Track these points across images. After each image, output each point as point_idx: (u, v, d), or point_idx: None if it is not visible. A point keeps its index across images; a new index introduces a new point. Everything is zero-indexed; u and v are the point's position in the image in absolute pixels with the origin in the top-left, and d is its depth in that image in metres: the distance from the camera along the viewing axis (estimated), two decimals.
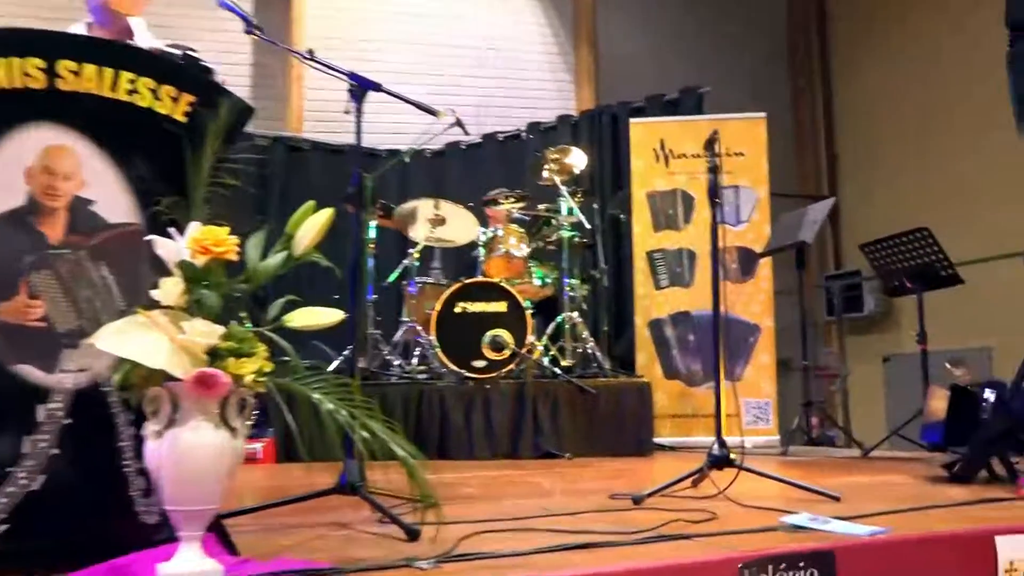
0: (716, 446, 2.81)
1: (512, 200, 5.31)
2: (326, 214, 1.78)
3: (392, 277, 5.43)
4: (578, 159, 5.48)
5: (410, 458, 1.59)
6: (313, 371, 1.67)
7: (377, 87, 2.61)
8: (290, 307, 1.76)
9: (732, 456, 2.79)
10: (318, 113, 6.85)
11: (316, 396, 1.57)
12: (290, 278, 1.82)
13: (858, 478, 3.42)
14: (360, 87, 2.57)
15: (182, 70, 1.96)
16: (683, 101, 6.61)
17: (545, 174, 5.46)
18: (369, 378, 4.66)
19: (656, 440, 4.99)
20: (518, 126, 7.14)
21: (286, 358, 1.68)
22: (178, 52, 2.36)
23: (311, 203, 1.81)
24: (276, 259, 1.72)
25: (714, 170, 2.96)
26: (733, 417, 4.28)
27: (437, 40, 7.38)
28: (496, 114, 7.22)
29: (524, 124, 7.12)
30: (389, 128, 6.08)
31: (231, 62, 6.58)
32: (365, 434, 1.57)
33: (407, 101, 2.73)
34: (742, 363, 5.53)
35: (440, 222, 5.10)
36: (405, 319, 5.11)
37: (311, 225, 1.76)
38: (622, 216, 5.90)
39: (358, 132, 2.57)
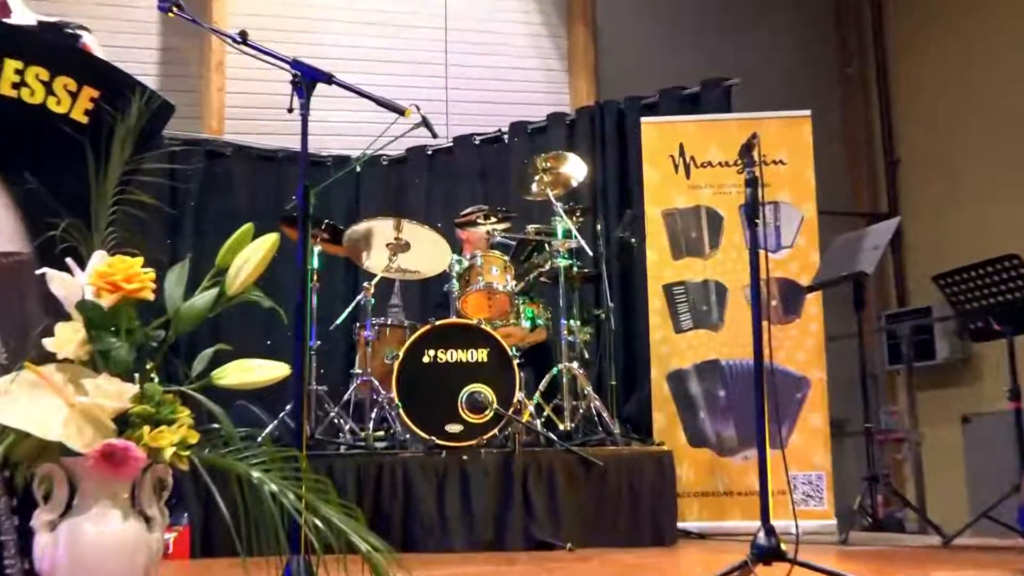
0: (762, 533, 2.74)
1: (494, 220, 5.29)
2: (269, 241, 1.76)
3: (341, 318, 5.40)
4: (576, 168, 5.46)
5: (376, 555, 1.55)
6: (249, 442, 1.64)
7: (329, 78, 2.62)
8: (217, 358, 1.73)
9: (783, 547, 2.72)
10: (243, 110, 6.86)
11: (257, 474, 1.54)
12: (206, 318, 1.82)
13: (940, 574, 3.37)
14: (307, 79, 2.58)
15: (82, 57, 1.95)
16: (706, 96, 6.57)
17: (535, 187, 5.43)
18: (313, 447, 4.57)
19: (680, 525, 4.91)
20: (499, 126, 7.04)
21: (214, 425, 1.64)
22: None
23: (249, 227, 1.79)
24: (205, 299, 1.69)
25: (754, 183, 2.97)
26: (780, 495, 4.22)
27: (394, 20, 7.37)
28: (471, 111, 7.18)
29: (506, 124, 7.04)
30: (335, 129, 6.14)
31: (134, 45, 6.55)
32: (318, 522, 1.54)
33: (367, 96, 2.75)
34: (788, 425, 5.42)
35: (402, 248, 5.06)
36: (357, 371, 5.05)
37: (250, 255, 1.72)
38: (633, 240, 5.80)
39: (304, 135, 2.57)
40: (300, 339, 2.49)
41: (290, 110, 2.56)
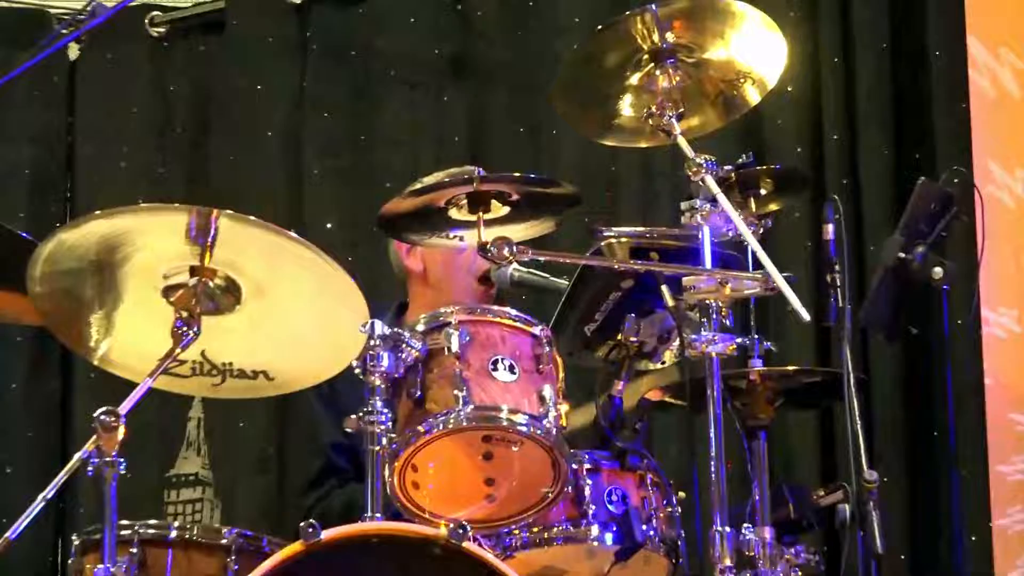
0: None
1: (507, 211, 3.49)
2: None
3: (29, 517, 3.53)
4: (760, 53, 3.64)
5: None
6: None
7: None
8: None
9: None
10: None
11: None
12: None
13: None
14: None
15: None
16: None
17: (628, 107, 3.66)
18: None
19: None
20: None
21: None
22: None
23: None
24: None
25: None
26: None
27: None
28: None
29: None
30: None
31: None
32: None
33: None
34: None
35: (215, 297, 3.36)
36: None
37: None
38: (938, 273, 3.98)
39: None
40: None
41: None
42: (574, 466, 3.26)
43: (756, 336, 3.47)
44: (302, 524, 2.92)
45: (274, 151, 5.27)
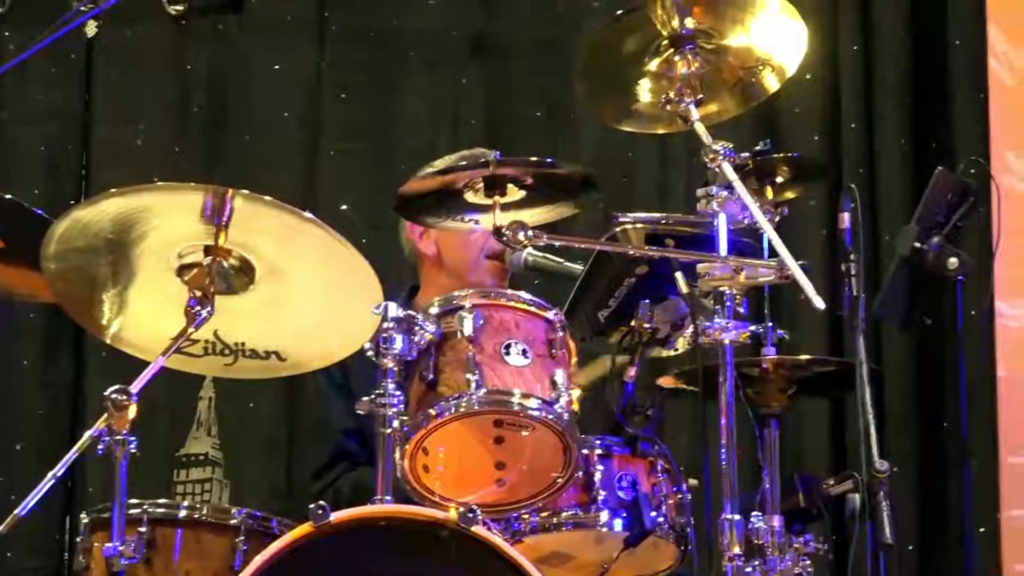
0: None
1: (522, 195, 3.40)
2: None
3: (31, 501, 3.24)
4: (781, 36, 3.60)
5: None
6: None
7: None
8: None
9: None
10: None
11: None
12: None
13: None
14: None
15: None
16: None
17: (646, 92, 3.59)
18: None
19: None
20: None
21: None
22: None
23: None
24: None
25: None
26: None
27: None
28: None
29: None
30: None
31: None
32: None
33: None
34: None
35: (227, 277, 3.32)
36: None
37: None
38: (954, 263, 3.96)
39: None
40: None
41: None
42: (585, 451, 3.24)
43: (770, 324, 3.47)
44: (312, 506, 2.91)
45: (291, 131, 5.21)
